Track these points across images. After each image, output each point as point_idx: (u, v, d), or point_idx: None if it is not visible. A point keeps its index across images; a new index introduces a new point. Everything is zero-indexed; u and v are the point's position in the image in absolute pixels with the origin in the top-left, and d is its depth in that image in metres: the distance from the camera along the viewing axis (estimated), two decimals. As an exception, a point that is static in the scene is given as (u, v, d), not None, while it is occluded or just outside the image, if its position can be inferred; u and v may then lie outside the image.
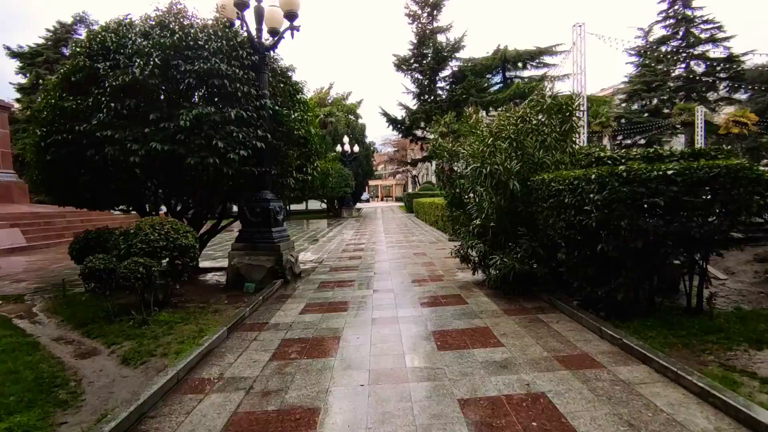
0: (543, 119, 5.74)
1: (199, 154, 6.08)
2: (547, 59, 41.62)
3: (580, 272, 4.42)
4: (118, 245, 5.22)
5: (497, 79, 44.07)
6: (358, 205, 42.10)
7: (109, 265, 4.90)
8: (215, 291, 6.83)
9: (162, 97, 6.43)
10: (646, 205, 3.77)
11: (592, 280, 4.34)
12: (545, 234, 5.05)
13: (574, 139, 5.90)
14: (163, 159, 6.13)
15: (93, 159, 6.09)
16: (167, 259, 5.33)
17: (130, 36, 6.50)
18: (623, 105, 43.82)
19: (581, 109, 5.99)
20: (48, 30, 33.52)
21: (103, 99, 6.01)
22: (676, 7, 41.30)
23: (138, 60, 6.09)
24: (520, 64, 42.81)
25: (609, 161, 5.80)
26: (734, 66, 39.47)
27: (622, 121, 40.63)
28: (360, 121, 37.60)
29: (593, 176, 3.94)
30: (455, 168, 6.76)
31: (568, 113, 5.71)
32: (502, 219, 5.45)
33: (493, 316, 4.78)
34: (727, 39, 39.61)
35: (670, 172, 3.70)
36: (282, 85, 7.86)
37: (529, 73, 42.73)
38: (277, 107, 7.33)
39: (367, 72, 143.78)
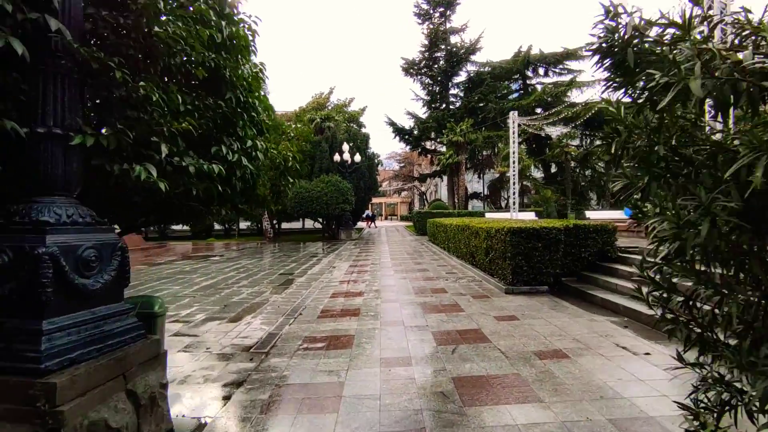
0: None
1: None
2: (572, 65, 37.19)
3: None
4: None
5: (515, 86, 39.66)
6: (360, 223, 37.15)
7: None
8: None
9: None
10: None
11: None
12: None
13: None
14: None
15: None
16: None
17: None
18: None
19: None
20: None
21: None
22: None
23: None
24: (541, 71, 38.47)
25: None
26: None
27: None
28: (363, 130, 33.11)
29: None
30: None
31: None
32: None
33: None
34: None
35: None
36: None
37: (550, 80, 38.29)
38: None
39: (373, 80, 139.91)
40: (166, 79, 3.05)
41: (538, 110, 33.74)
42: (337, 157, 23.69)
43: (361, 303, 6.82)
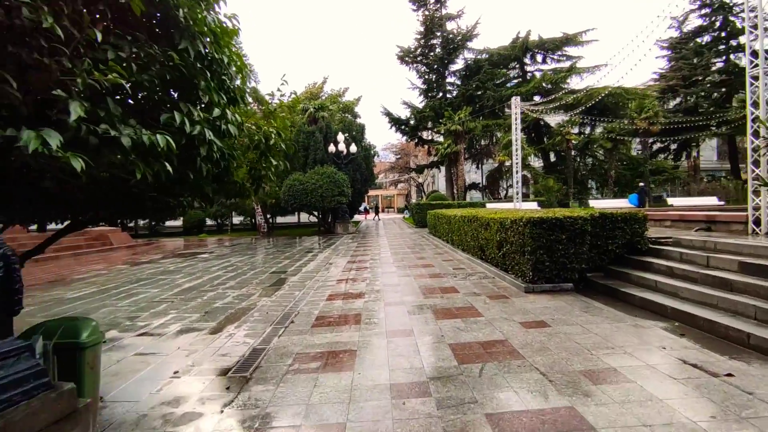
0: None
1: None
2: (572, 51, 36.17)
3: None
4: None
5: (513, 74, 38.60)
6: (357, 216, 36.27)
7: None
8: None
9: None
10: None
11: None
12: None
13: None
14: None
15: None
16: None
17: None
18: (654, 103, 38.47)
19: None
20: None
21: None
22: (712, -8, 36.05)
23: None
24: (539, 57, 37.44)
25: None
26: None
27: (661, 120, 35.19)
28: (358, 120, 32.05)
29: None
30: None
31: None
32: None
33: None
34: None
35: None
36: None
37: (549, 66, 37.28)
38: None
39: (368, 70, 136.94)
40: (85, 11, 2.14)
41: (537, 98, 32.84)
42: (331, 148, 22.71)
43: (362, 307, 5.96)
